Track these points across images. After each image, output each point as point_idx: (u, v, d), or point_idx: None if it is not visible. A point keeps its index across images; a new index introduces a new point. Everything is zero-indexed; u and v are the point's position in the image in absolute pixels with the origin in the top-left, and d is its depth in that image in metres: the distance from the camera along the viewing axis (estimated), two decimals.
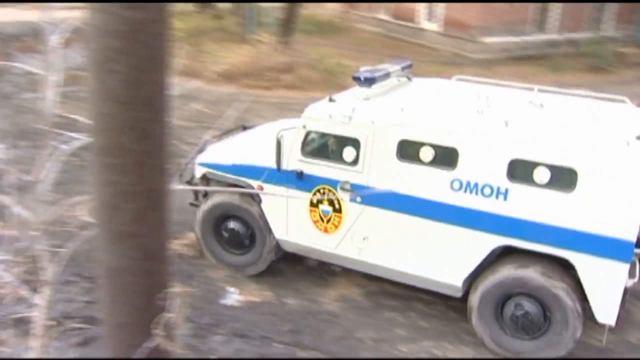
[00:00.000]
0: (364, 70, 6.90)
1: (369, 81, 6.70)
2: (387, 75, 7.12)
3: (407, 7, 23.36)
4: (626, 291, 5.71)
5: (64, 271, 3.42)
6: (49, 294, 3.06)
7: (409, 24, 23.32)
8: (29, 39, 24.54)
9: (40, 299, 3.07)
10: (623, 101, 6.61)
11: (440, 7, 21.91)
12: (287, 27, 18.90)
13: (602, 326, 5.73)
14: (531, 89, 6.92)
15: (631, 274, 5.61)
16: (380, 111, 6.38)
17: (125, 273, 2.48)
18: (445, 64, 18.65)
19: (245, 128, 8.48)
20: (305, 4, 20.60)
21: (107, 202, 2.39)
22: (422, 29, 22.89)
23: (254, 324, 6.09)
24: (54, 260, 3.02)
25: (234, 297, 6.72)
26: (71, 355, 5.12)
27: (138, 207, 2.39)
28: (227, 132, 8.15)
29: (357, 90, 6.73)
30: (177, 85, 11.54)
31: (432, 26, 22.48)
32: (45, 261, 2.98)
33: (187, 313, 2.85)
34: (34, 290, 3.29)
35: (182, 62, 17.87)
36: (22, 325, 4.07)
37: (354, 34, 24.51)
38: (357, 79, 6.72)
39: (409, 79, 7.75)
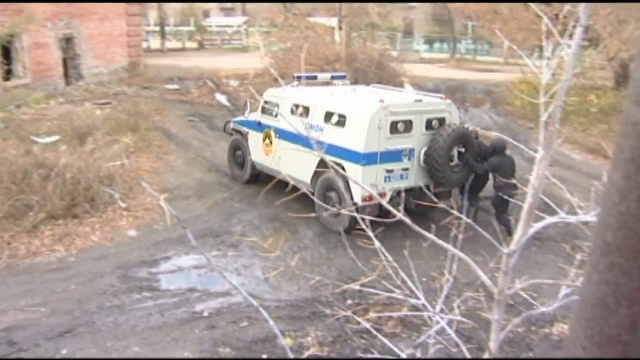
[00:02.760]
0: (299, 73, 13.40)
1: (298, 78, 12.93)
2: (313, 77, 13.66)
3: None
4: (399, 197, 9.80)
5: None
6: None
7: None
8: (444, 95, 26.53)
9: None
10: (441, 97, 11.79)
11: None
12: None
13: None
14: (403, 89, 13.80)
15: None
16: (291, 91, 12.33)
17: None
18: None
19: None
20: None
21: (601, 301, 2.29)
22: None
23: None
24: (498, 331, 3.06)
25: None
26: None
27: (633, 314, 2.24)
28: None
29: (294, 83, 12.80)
30: (584, 162, 11.15)
31: None
32: (495, 331, 3.02)
33: None
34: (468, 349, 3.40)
35: (593, 139, 17.22)
36: None
37: None
38: (293, 77, 13.05)
39: (348, 84, 13.78)
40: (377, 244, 3.47)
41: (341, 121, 10.65)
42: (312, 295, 8.59)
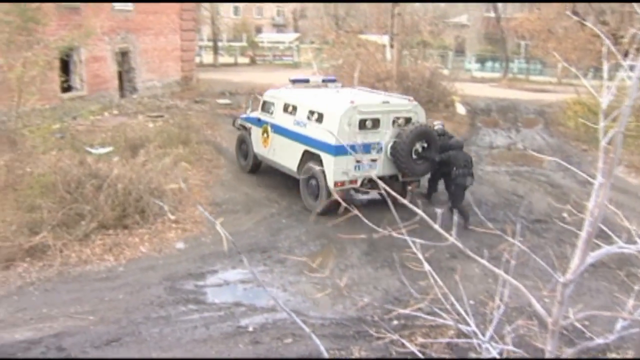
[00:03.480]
0: (295, 76, 16.49)
1: (293, 81, 15.21)
2: (306, 80, 15.77)
3: None
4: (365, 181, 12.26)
5: None
6: None
7: None
8: (496, 115, 26.24)
9: None
10: (409, 99, 13.44)
11: None
12: None
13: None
14: (380, 93, 14.65)
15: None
16: (284, 92, 14.29)
17: None
18: None
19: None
20: None
21: None
22: None
23: None
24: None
25: None
26: None
27: None
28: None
29: (289, 85, 14.98)
30: (622, 180, 10.76)
31: None
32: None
33: None
34: None
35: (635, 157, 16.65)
36: None
37: None
38: (290, 81, 15.28)
39: (338, 86, 15.56)
40: (427, 267, 3.40)
41: (319, 118, 12.43)
42: (357, 314, 8.50)
